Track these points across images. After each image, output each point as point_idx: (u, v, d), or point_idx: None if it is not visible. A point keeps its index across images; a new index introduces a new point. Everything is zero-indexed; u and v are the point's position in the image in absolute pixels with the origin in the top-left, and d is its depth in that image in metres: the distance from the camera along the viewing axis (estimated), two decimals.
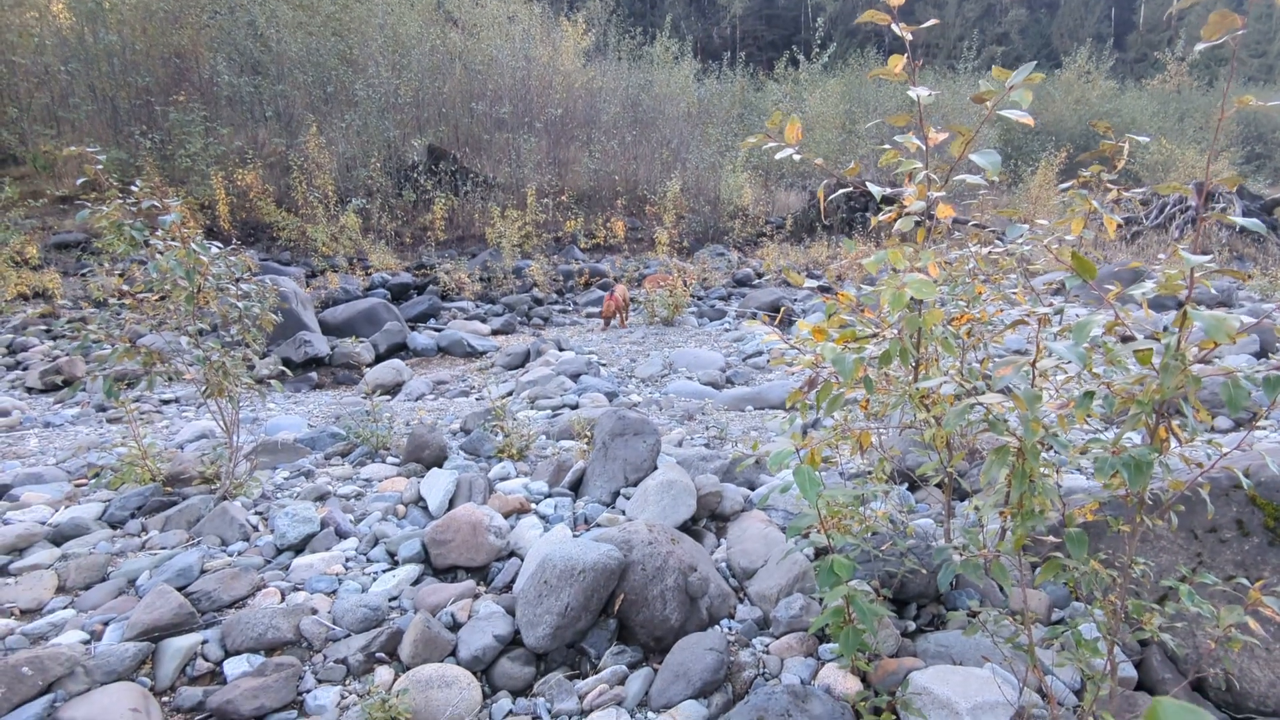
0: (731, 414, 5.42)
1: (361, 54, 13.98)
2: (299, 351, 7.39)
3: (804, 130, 8.38)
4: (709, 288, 11.64)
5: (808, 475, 1.98)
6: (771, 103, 18.95)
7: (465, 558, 2.93)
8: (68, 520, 3.25)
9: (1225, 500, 2.54)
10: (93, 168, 3.30)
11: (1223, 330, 1.64)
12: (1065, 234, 2.33)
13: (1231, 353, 6.34)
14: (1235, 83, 28.67)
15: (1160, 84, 25.79)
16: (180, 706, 2.22)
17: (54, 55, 12.43)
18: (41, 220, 10.71)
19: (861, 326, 2.36)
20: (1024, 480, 1.84)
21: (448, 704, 2.20)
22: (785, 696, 2.06)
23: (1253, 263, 12.77)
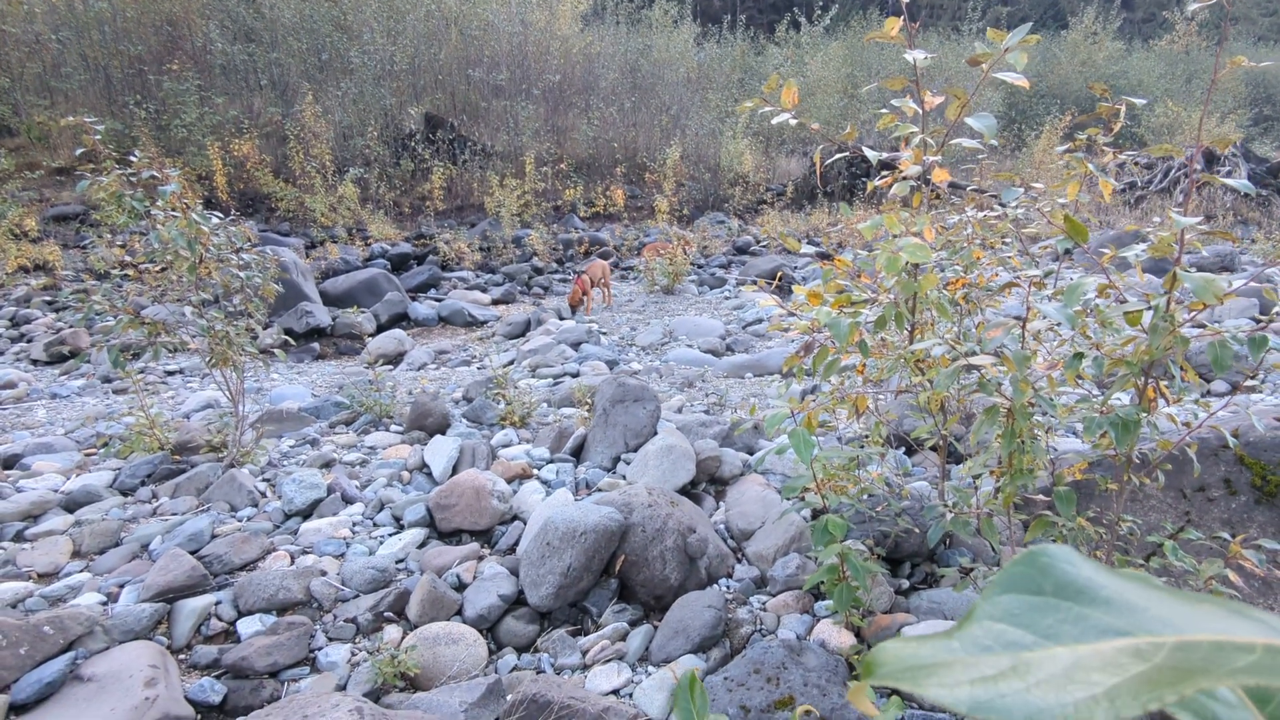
0: (731, 381, 5.47)
1: (356, 20, 13.77)
2: (301, 322, 7.42)
3: (806, 95, 8.31)
4: (709, 255, 11.61)
5: (802, 437, 2.03)
6: (773, 67, 18.68)
7: (469, 521, 3.00)
8: (79, 488, 3.31)
9: (1214, 460, 2.59)
10: (91, 138, 3.30)
11: (1210, 291, 1.67)
12: (1059, 197, 2.35)
13: (1230, 316, 6.36)
14: (1245, 42, 28.17)
15: (1169, 44, 25.35)
16: (196, 664, 2.30)
17: (44, 23, 12.26)
18: (39, 192, 10.67)
19: (858, 292, 2.39)
20: (1013, 440, 1.88)
21: (455, 660, 2.28)
22: (781, 650, 2.13)
23: (1257, 226, 12.69)
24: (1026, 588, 0.28)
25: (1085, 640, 0.25)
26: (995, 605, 0.27)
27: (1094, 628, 0.25)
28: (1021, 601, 0.27)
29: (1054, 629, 0.26)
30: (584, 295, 8.25)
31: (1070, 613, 0.26)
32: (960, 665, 0.24)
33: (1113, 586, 0.28)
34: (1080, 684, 0.22)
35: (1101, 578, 0.28)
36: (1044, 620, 0.26)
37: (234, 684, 2.22)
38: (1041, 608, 0.27)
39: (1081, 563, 0.29)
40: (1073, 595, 0.27)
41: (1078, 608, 0.27)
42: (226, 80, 13.30)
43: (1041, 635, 0.25)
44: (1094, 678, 0.23)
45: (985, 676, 0.24)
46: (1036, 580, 0.28)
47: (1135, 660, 0.23)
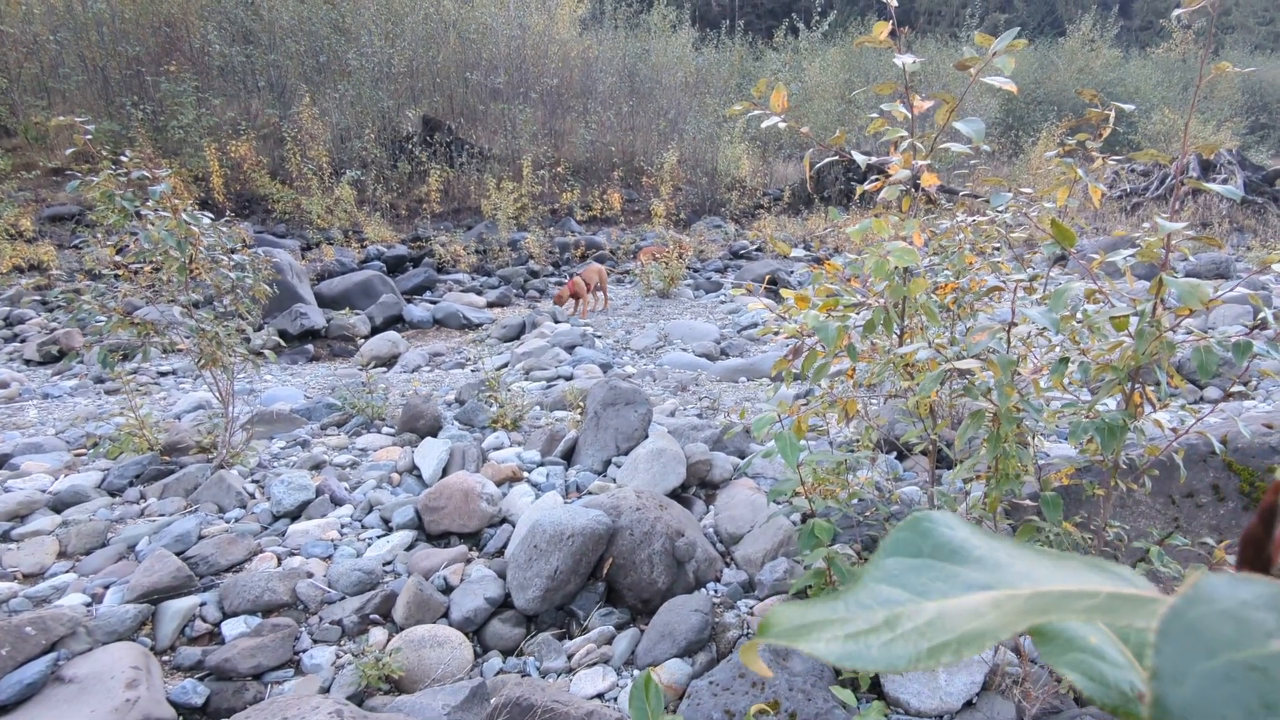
0: (725, 385, 5.46)
1: (354, 22, 13.78)
2: (295, 324, 7.41)
3: (804, 100, 8.32)
4: (705, 260, 11.62)
5: (789, 440, 2.02)
6: (771, 72, 18.73)
7: (458, 524, 2.99)
8: (67, 488, 3.30)
9: (1202, 466, 2.58)
10: (82, 138, 3.29)
11: (1195, 295, 1.67)
12: (1048, 202, 2.35)
13: (1224, 323, 6.37)
14: (1242, 50, 28.29)
15: (1166, 52, 25.45)
16: (180, 665, 2.28)
17: (42, 24, 12.25)
18: (35, 192, 10.65)
19: (847, 296, 2.39)
20: (998, 444, 1.88)
21: (440, 662, 2.27)
22: (766, 654, 2.12)
23: (1252, 234, 12.73)
24: (907, 551, 0.30)
25: (953, 595, 0.27)
26: (879, 568, 0.30)
27: (963, 584, 0.28)
28: (902, 563, 0.30)
29: (927, 586, 0.28)
30: (574, 297, 8.22)
31: (943, 571, 0.29)
32: (839, 623, 0.27)
33: (984, 547, 0.30)
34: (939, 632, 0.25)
35: (975, 540, 0.31)
36: (919, 579, 0.29)
37: (217, 686, 2.20)
38: (919, 568, 0.29)
39: (959, 526, 0.31)
40: (947, 556, 0.30)
41: (951, 567, 0.29)
42: (224, 82, 13.30)
43: (916, 593, 0.28)
44: (952, 626, 0.25)
45: (858, 631, 0.26)
46: (916, 543, 0.31)
47: (993, 610, 0.26)
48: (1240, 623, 0.22)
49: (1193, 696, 0.20)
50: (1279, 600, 0.23)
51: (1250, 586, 0.23)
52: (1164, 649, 0.21)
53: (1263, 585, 0.23)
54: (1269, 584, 0.23)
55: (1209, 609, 0.22)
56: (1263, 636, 0.21)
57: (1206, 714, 0.20)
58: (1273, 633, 0.21)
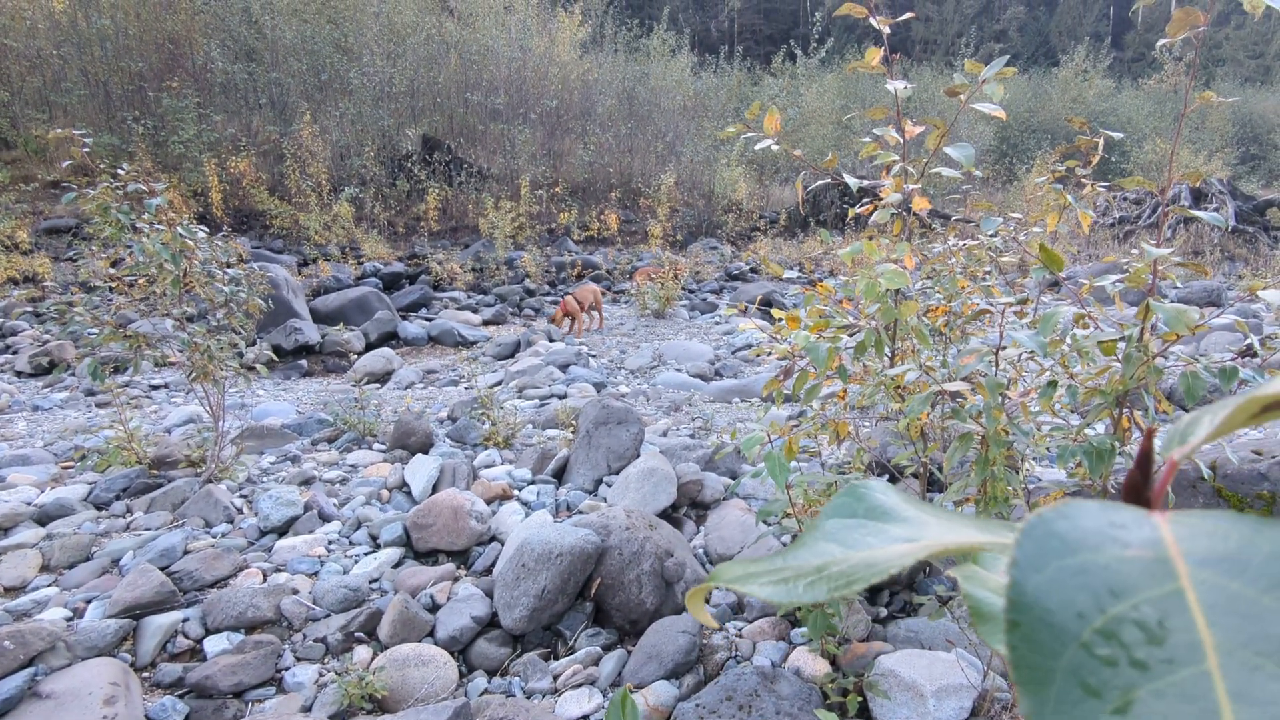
0: (718, 405, 5.46)
1: (356, 42, 13.92)
2: (289, 339, 7.40)
3: (801, 125, 8.43)
4: (701, 281, 11.67)
5: (778, 461, 2.02)
6: (768, 97, 18.94)
7: (446, 541, 2.97)
8: (53, 501, 3.27)
9: (1192, 492, 2.59)
10: (80, 150, 3.31)
11: (1182, 321, 1.68)
12: (1037, 227, 2.37)
13: (1215, 350, 6.40)
14: (1232, 83, 28.72)
15: (1157, 84, 25.85)
16: (160, 682, 2.25)
17: (46, 39, 12.35)
18: (32, 205, 10.67)
19: (839, 317, 2.40)
20: (986, 467, 1.88)
21: (424, 682, 2.24)
22: (754, 677, 2.10)
23: (1244, 263, 12.85)
24: (844, 512, 0.34)
25: (879, 547, 0.31)
26: (820, 528, 0.34)
27: (889, 537, 0.32)
28: (839, 523, 0.34)
29: (859, 540, 0.32)
30: (568, 316, 8.24)
31: (874, 529, 0.33)
32: (775, 571, 0.31)
33: (911, 511, 0.34)
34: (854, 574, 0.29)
35: (904, 504, 0.35)
36: (853, 535, 0.33)
37: (197, 704, 2.17)
38: (854, 527, 0.33)
39: (891, 493, 0.35)
40: (879, 516, 0.34)
41: (881, 525, 0.33)
42: (226, 98, 13.40)
43: (848, 546, 0.32)
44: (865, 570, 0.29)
45: (790, 576, 0.30)
46: (853, 506, 0.35)
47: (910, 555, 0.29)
48: (1102, 535, 0.24)
49: (1047, 583, 0.22)
50: (1144, 522, 0.25)
51: (1119, 511, 0.26)
52: (1025, 545, 0.24)
53: (1130, 510, 0.26)
54: (1137, 510, 0.26)
55: (1074, 523, 0.24)
56: (1121, 546, 0.24)
57: (1058, 597, 0.22)
58: (1131, 544, 0.24)
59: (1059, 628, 0.21)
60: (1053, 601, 0.22)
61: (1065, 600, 0.22)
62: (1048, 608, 0.22)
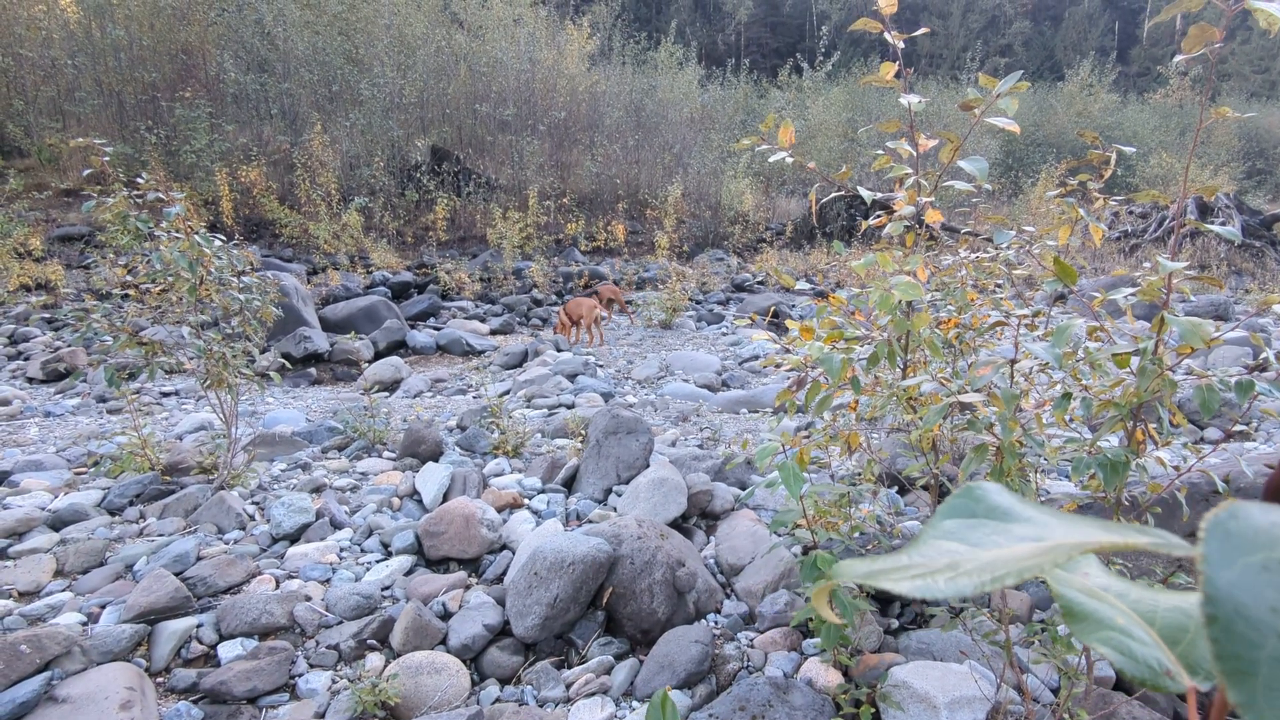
0: (726, 416, 5.47)
1: (367, 54, 14.05)
2: (299, 347, 7.43)
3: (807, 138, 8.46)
4: (708, 292, 11.70)
5: (792, 471, 2.03)
6: (775, 109, 19.02)
7: (458, 549, 2.98)
8: (67, 506, 3.29)
9: (1205, 505, 2.58)
10: (99, 160, 3.35)
11: (1197, 335, 1.69)
12: (1050, 240, 2.38)
13: (1224, 364, 6.38)
14: (1238, 98, 28.74)
15: (1163, 98, 25.89)
16: (175, 687, 2.26)
17: (61, 49, 12.50)
18: (45, 213, 10.76)
19: (851, 329, 2.41)
20: (1000, 478, 1.89)
21: (436, 689, 2.25)
22: (767, 688, 2.10)
23: (1250, 277, 12.82)
24: (963, 513, 0.34)
25: (1006, 546, 0.31)
26: (939, 528, 0.34)
27: (1014, 537, 0.32)
28: (959, 523, 0.34)
29: (983, 539, 0.32)
30: (574, 326, 8.30)
31: (997, 528, 0.33)
32: (906, 568, 0.31)
33: (1031, 510, 0.34)
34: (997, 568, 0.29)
35: (1022, 505, 0.35)
36: (976, 534, 0.33)
37: (211, 709, 2.18)
38: (975, 526, 0.33)
39: (1007, 494, 0.35)
40: (999, 516, 0.34)
41: (1003, 524, 0.33)
42: (238, 108, 13.52)
43: (972, 544, 0.32)
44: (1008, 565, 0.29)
45: (924, 572, 0.30)
46: (971, 507, 0.35)
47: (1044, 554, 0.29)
48: (1272, 534, 0.25)
49: (1239, 579, 0.24)
50: None
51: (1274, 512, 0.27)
52: (1211, 543, 0.25)
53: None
54: None
55: (1246, 523, 0.26)
56: None
57: (1251, 592, 0.23)
58: None
59: (1256, 620, 0.23)
60: (1247, 596, 0.23)
61: (1257, 595, 0.23)
62: (1242, 602, 0.23)
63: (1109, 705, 2.24)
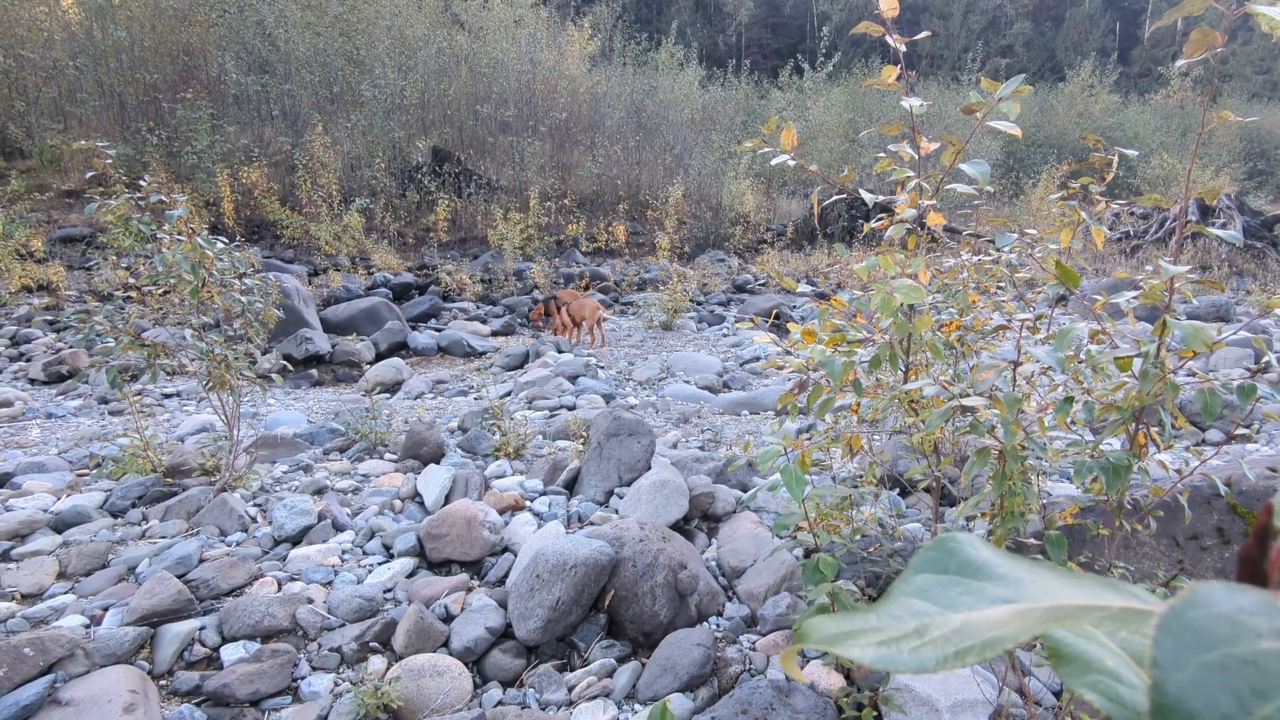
0: (727, 418, 5.47)
1: (368, 55, 14.06)
2: (300, 348, 7.44)
3: (808, 139, 8.46)
4: (709, 293, 11.70)
5: (795, 474, 2.03)
6: (775, 110, 19.04)
7: (460, 552, 2.98)
8: (69, 508, 3.29)
9: (1207, 508, 2.58)
10: (102, 161, 3.35)
11: (1199, 338, 1.69)
12: (1052, 243, 2.38)
13: (1225, 366, 6.38)
14: (1239, 99, 28.73)
15: (1164, 99, 25.89)
16: (177, 690, 2.26)
17: (62, 50, 12.52)
18: (47, 214, 10.78)
19: (853, 331, 2.41)
20: (1003, 481, 1.89)
21: (439, 692, 2.25)
22: (769, 691, 2.10)
23: (1251, 278, 12.82)
24: (936, 568, 0.33)
25: (978, 608, 0.30)
26: (909, 584, 0.32)
27: (986, 598, 0.30)
28: (931, 579, 0.32)
29: (954, 600, 0.30)
30: (576, 327, 8.32)
31: (969, 587, 0.31)
32: (873, 631, 0.29)
33: (1006, 566, 0.32)
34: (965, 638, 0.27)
35: (997, 559, 0.33)
36: (947, 594, 0.31)
37: (214, 711, 2.18)
38: (946, 584, 0.32)
39: (982, 547, 0.34)
40: (972, 573, 0.32)
41: (975, 583, 0.31)
42: (239, 109, 13.53)
43: (943, 605, 0.30)
44: (977, 633, 0.28)
45: (891, 639, 0.28)
46: (943, 561, 0.33)
47: (1015, 619, 0.28)
48: (1235, 624, 0.24)
49: (1190, 683, 0.22)
50: (1271, 608, 0.24)
51: (1245, 595, 0.25)
52: (1163, 641, 0.23)
53: (1256, 594, 0.25)
54: (1262, 593, 0.25)
55: (1206, 611, 0.24)
56: (1255, 636, 0.23)
57: (1203, 698, 0.21)
58: (1264, 634, 0.23)
59: None
60: (1198, 704, 0.21)
61: (1210, 702, 0.21)
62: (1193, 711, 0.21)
63: None
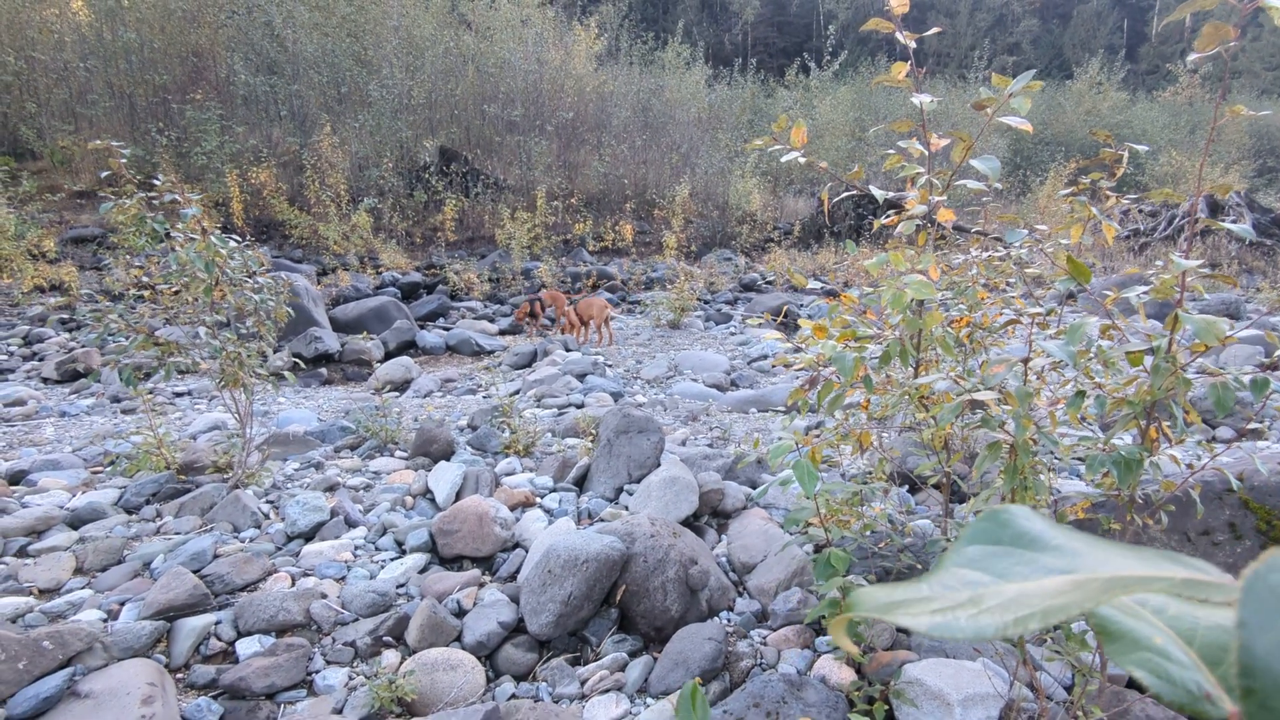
0: (735, 415, 5.48)
1: (376, 55, 14.12)
2: (310, 347, 7.48)
3: (814, 137, 8.49)
4: (716, 292, 11.70)
5: (806, 469, 2.04)
6: (782, 109, 19.02)
7: (471, 548, 3.00)
8: (85, 505, 3.33)
9: (1219, 503, 2.58)
10: (117, 161, 3.39)
11: (1211, 333, 1.69)
12: (1062, 239, 2.39)
13: (1236, 362, 6.35)
14: (1248, 95, 28.55)
15: (1172, 96, 25.76)
16: (194, 683, 2.29)
17: (73, 52, 12.62)
18: (59, 214, 10.86)
19: (864, 327, 2.42)
20: (1015, 476, 1.89)
21: (452, 686, 2.27)
22: (781, 685, 2.11)
23: (1262, 275, 12.74)
24: (988, 539, 0.32)
25: (1034, 578, 0.29)
26: (961, 555, 0.31)
27: (1042, 568, 0.30)
28: (983, 550, 0.32)
29: (1008, 570, 0.30)
30: (584, 325, 8.34)
31: (1023, 557, 0.31)
32: (926, 600, 0.29)
33: (1061, 537, 0.32)
34: (1023, 606, 0.27)
35: (1051, 530, 0.32)
36: (1000, 564, 0.30)
37: (230, 704, 2.21)
38: (1000, 555, 0.31)
39: (1035, 518, 0.33)
40: (1026, 544, 0.31)
41: (1030, 553, 0.31)
42: (247, 110, 13.61)
43: (997, 575, 0.30)
44: (1034, 602, 0.27)
45: (945, 607, 0.28)
46: (996, 533, 0.32)
47: (1074, 589, 0.27)
48: None
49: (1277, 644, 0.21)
50: None
51: None
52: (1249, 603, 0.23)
53: None
54: None
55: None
56: None
57: None
58: None
59: None
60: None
61: None
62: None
63: (1123, 703, 2.24)
